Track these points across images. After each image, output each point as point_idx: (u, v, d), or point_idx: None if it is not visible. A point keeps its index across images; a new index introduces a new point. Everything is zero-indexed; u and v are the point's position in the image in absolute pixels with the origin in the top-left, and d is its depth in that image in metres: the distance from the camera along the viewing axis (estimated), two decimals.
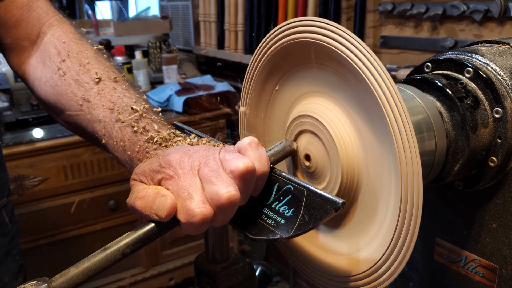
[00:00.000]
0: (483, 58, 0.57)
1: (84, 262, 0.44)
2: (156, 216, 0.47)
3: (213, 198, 0.46)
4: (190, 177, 0.48)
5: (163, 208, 0.46)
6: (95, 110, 0.61)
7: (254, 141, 0.51)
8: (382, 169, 0.49)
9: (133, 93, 0.63)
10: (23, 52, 0.74)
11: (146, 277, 2.17)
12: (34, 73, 0.72)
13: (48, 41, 0.71)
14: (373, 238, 0.51)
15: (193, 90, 2.26)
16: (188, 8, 2.72)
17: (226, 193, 0.45)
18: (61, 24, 0.74)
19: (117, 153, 0.59)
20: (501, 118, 0.54)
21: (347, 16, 1.79)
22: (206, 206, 0.46)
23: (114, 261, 0.45)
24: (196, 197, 0.46)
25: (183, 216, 0.46)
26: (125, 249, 0.46)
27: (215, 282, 0.59)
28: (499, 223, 0.57)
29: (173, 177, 0.48)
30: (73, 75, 0.65)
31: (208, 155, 0.49)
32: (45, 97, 0.70)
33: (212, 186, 0.46)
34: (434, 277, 0.67)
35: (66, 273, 0.44)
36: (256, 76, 0.61)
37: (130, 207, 0.50)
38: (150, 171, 0.50)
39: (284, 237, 0.48)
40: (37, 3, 0.74)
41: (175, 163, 0.48)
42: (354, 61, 0.47)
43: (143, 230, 0.47)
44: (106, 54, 0.70)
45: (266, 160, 0.51)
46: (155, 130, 0.56)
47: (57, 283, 0.43)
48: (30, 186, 1.84)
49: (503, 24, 1.29)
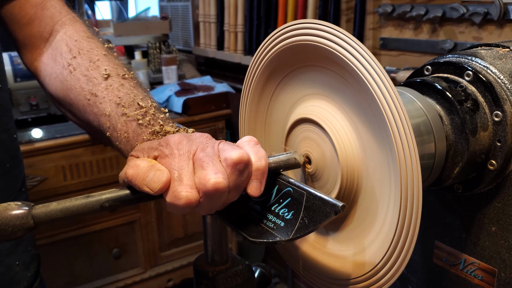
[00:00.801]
0: (483, 61, 0.57)
1: (66, 202, 0.47)
2: (147, 188, 0.47)
3: (200, 183, 0.46)
4: (184, 159, 0.48)
5: (158, 181, 0.46)
6: (102, 104, 0.62)
7: (253, 139, 0.52)
8: (382, 171, 0.49)
9: (141, 91, 0.64)
10: (35, 49, 0.76)
11: (144, 278, 2.17)
12: (46, 70, 0.74)
13: (60, 39, 0.73)
14: (372, 241, 0.51)
15: (193, 91, 2.26)
16: (188, 9, 2.72)
17: (213, 179, 0.45)
18: (73, 23, 0.75)
19: (120, 144, 0.59)
20: (500, 121, 0.54)
21: (346, 18, 1.79)
22: (193, 191, 0.46)
23: (92, 209, 0.47)
24: (185, 180, 0.46)
25: (169, 196, 0.47)
26: (105, 202, 0.47)
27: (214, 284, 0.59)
28: (498, 226, 0.57)
29: (167, 156, 0.48)
30: (82, 70, 0.66)
31: (207, 143, 0.50)
32: (55, 92, 0.72)
33: (202, 171, 0.46)
34: (433, 280, 0.67)
35: (48, 205, 0.46)
36: (256, 78, 0.61)
37: (120, 179, 0.50)
38: (148, 148, 0.51)
39: (283, 240, 0.48)
40: (51, 2, 0.76)
41: (173, 143, 0.49)
42: (354, 64, 0.47)
43: (126, 191, 0.48)
44: (116, 52, 0.71)
45: (264, 156, 0.50)
46: (160, 125, 0.57)
47: (37, 211, 0.45)
48: (29, 187, 1.84)
49: (503, 27, 1.29)
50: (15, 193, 0.82)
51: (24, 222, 0.44)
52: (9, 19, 0.75)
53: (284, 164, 0.54)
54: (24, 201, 0.46)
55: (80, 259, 2.03)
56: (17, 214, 0.44)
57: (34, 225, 0.45)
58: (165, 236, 2.22)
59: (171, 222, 2.21)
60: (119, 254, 2.12)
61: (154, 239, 2.18)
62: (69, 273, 2.02)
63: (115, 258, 2.12)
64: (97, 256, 2.07)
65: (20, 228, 0.44)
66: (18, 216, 0.44)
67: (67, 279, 2.02)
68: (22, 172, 0.85)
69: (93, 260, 2.06)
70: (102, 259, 2.08)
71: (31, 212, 0.45)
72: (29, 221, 0.44)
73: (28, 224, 0.44)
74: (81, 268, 2.04)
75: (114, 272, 2.13)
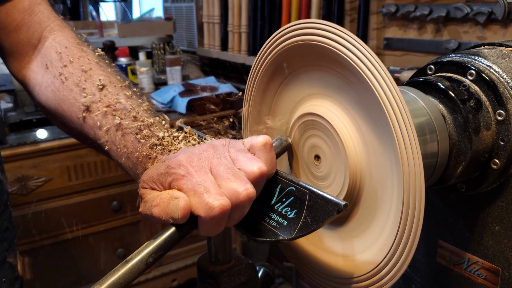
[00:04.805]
0: (486, 60, 0.57)
1: (108, 278, 0.43)
2: (172, 219, 0.47)
3: (231, 194, 0.46)
4: (203, 173, 0.48)
5: (177, 210, 0.46)
6: (97, 116, 0.60)
7: (269, 143, 0.52)
8: (385, 170, 0.49)
9: (135, 99, 0.62)
10: (23, 57, 0.73)
11: (149, 278, 2.17)
12: (35, 78, 0.71)
13: (49, 46, 0.71)
14: (375, 239, 0.51)
15: (197, 91, 2.27)
16: (192, 10, 2.73)
17: (245, 191, 0.46)
18: (62, 29, 0.73)
19: (121, 160, 0.59)
20: (503, 120, 0.54)
21: (350, 18, 1.79)
22: (224, 198, 0.46)
23: (138, 272, 0.44)
24: (213, 191, 0.46)
25: (202, 211, 0.46)
26: (148, 259, 0.45)
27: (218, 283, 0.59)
28: (502, 225, 0.57)
29: (185, 176, 0.48)
30: (75, 80, 0.64)
31: (217, 154, 0.49)
32: (46, 102, 0.69)
33: (229, 183, 0.47)
34: (436, 279, 0.67)
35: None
36: (259, 78, 0.62)
37: (145, 216, 0.50)
38: (158, 175, 0.50)
39: (286, 238, 0.48)
40: (39, 7, 0.73)
41: (185, 162, 0.49)
42: (357, 64, 0.47)
43: (163, 237, 0.47)
44: (107, 60, 0.69)
45: (275, 163, 0.52)
46: (157, 138, 0.56)
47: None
48: (33, 187, 1.85)
49: (507, 26, 1.29)
50: (2, 207, 0.81)
51: None
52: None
53: (279, 149, 0.58)
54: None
55: (85, 259, 2.04)
56: None
57: None
58: None
59: None
60: (123, 254, 2.12)
61: None
62: (74, 273, 2.03)
63: (120, 258, 2.12)
64: (101, 256, 2.07)
65: None
66: None
67: (72, 279, 2.03)
68: (6, 185, 0.84)
69: (98, 260, 2.07)
70: (107, 259, 2.09)
71: None
72: None
73: None
74: (86, 268, 2.05)
75: None
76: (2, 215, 0.81)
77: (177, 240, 0.47)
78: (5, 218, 0.81)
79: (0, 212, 0.80)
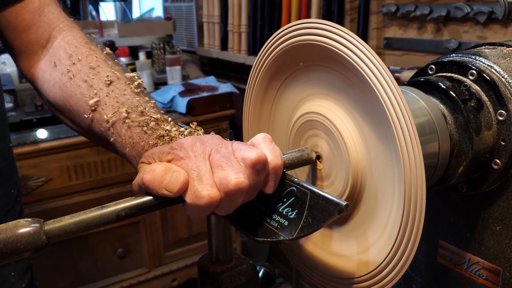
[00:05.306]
0: (487, 60, 0.57)
1: (79, 214, 0.44)
2: (166, 191, 0.46)
3: (221, 182, 0.46)
4: (201, 160, 0.48)
5: (176, 182, 0.46)
6: (104, 110, 0.61)
7: (268, 137, 0.51)
8: (386, 171, 0.49)
9: (142, 96, 0.63)
10: (32, 56, 0.75)
11: (149, 278, 2.17)
12: (43, 76, 0.73)
13: (58, 45, 0.72)
14: (376, 240, 0.51)
15: (197, 91, 2.27)
16: (192, 9, 2.73)
17: (235, 179, 0.45)
18: (71, 29, 0.74)
19: (125, 150, 0.59)
20: (504, 120, 0.54)
21: (350, 17, 1.79)
22: (214, 189, 0.46)
23: (107, 220, 0.45)
24: (205, 180, 0.46)
25: (189, 197, 0.46)
26: (121, 212, 0.46)
27: (219, 284, 0.59)
28: (503, 225, 0.57)
29: (183, 158, 0.48)
30: (82, 77, 0.65)
31: (220, 143, 0.50)
32: (53, 99, 0.71)
33: (222, 171, 0.46)
34: (437, 279, 0.67)
35: (60, 220, 0.44)
36: (260, 78, 0.62)
37: (135, 187, 0.50)
38: (159, 153, 0.50)
39: (287, 239, 0.48)
40: (48, 8, 0.75)
41: (187, 146, 0.49)
42: (358, 63, 0.47)
43: (142, 199, 0.47)
44: (116, 59, 0.70)
45: (280, 154, 0.50)
46: (165, 130, 0.57)
47: (49, 226, 0.43)
48: (34, 187, 1.85)
49: (507, 26, 1.29)
50: (12, 202, 0.81)
51: (36, 239, 0.41)
52: (5, 26, 0.74)
53: (297, 160, 0.54)
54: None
55: (85, 259, 2.04)
56: (29, 231, 0.41)
57: (47, 241, 0.42)
58: (170, 236, 2.22)
59: (176, 222, 2.22)
60: (123, 254, 2.12)
61: (159, 239, 2.19)
62: (74, 273, 2.03)
63: (120, 258, 2.12)
64: (101, 256, 2.07)
65: (33, 246, 0.41)
66: (30, 233, 0.41)
67: (72, 279, 2.03)
68: (18, 181, 0.85)
69: (98, 260, 2.07)
70: (107, 259, 2.09)
71: (43, 228, 0.42)
72: (42, 238, 0.42)
73: (41, 241, 0.42)
74: (86, 268, 2.05)
75: (118, 272, 2.13)
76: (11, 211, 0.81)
77: (155, 207, 0.47)
78: (14, 214, 0.82)
79: (10, 207, 0.81)
